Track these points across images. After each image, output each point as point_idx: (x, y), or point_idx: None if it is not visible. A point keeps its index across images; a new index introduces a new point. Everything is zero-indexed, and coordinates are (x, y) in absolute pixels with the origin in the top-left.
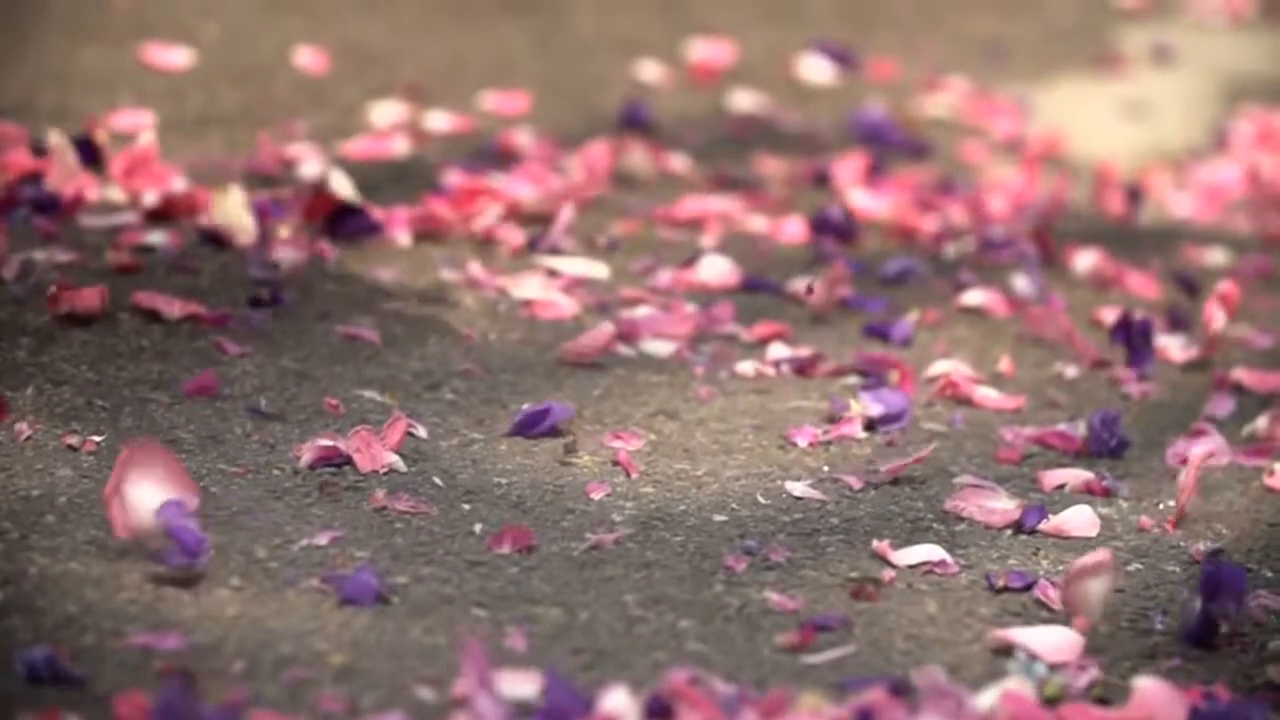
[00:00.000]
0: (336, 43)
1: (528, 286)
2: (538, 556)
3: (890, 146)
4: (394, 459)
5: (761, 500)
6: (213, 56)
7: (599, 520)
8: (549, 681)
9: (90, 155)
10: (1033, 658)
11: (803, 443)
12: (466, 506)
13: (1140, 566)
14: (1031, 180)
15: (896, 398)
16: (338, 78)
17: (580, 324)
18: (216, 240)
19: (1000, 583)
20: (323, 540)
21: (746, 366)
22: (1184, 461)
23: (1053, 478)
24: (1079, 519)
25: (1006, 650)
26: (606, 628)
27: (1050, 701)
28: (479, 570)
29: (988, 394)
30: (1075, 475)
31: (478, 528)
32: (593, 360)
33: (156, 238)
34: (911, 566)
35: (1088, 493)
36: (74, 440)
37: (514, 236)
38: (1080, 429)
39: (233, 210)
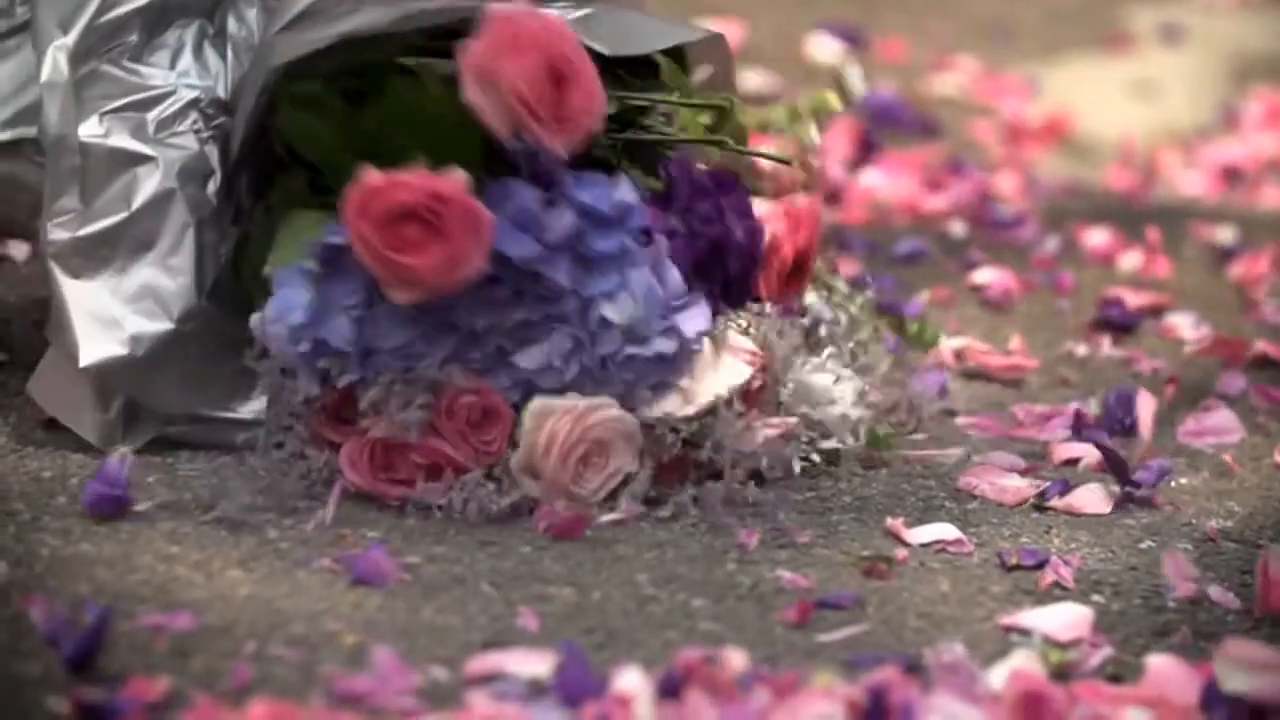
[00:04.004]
0: None
1: None
2: (549, 536)
3: (899, 126)
4: None
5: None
6: None
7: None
8: (567, 657)
9: None
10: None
11: None
12: None
13: (1152, 544)
14: (1040, 159)
15: (934, 375)
16: None
17: None
18: None
19: (1013, 560)
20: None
21: None
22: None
23: (1065, 455)
24: (1091, 496)
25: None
26: (619, 607)
27: (1059, 674)
28: (490, 550)
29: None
30: (1088, 452)
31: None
32: None
33: None
34: (924, 545)
35: (1100, 470)
36: None
37: None
38: (1092, 407)
39: None
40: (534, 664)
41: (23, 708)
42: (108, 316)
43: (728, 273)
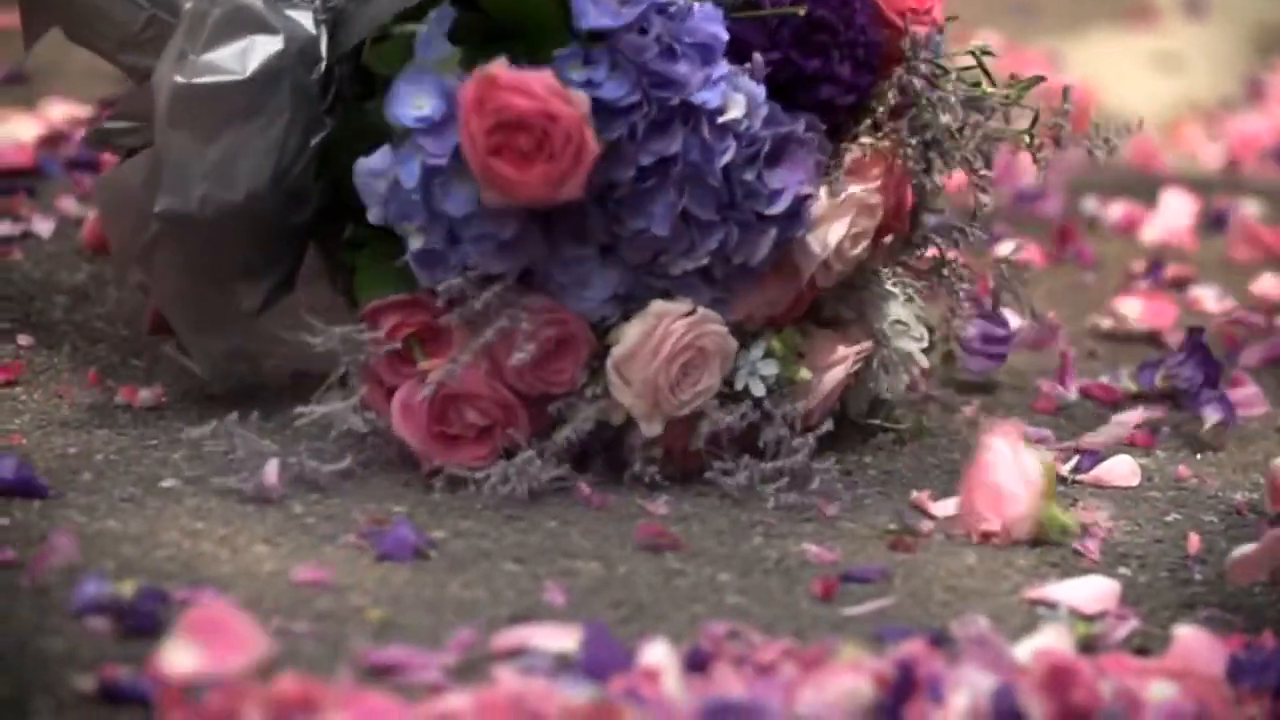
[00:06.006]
0: None
1: None
2: (575, 511)
3: None
4: None
5: None
6: None
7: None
8: (589, 635)
9: None
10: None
11: None
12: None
13: (1179, 517)
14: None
15: (1002, 317)
16: None
17: None
18: None
19: None
20: (360, 496)
21: None
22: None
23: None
24: (1119, 469)
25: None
26: (645, 581)
27: (1085, 647)
28: (517, 525)
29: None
30: (1123, 420)
31: None
32: None
33: None
34: (950, 518)
35: (1127, 443)
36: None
37: None
38: (1124, 379)
39: None
40: (560, 638)
41: (48, 684)
42: (191, 172)
43: (841, 35)
